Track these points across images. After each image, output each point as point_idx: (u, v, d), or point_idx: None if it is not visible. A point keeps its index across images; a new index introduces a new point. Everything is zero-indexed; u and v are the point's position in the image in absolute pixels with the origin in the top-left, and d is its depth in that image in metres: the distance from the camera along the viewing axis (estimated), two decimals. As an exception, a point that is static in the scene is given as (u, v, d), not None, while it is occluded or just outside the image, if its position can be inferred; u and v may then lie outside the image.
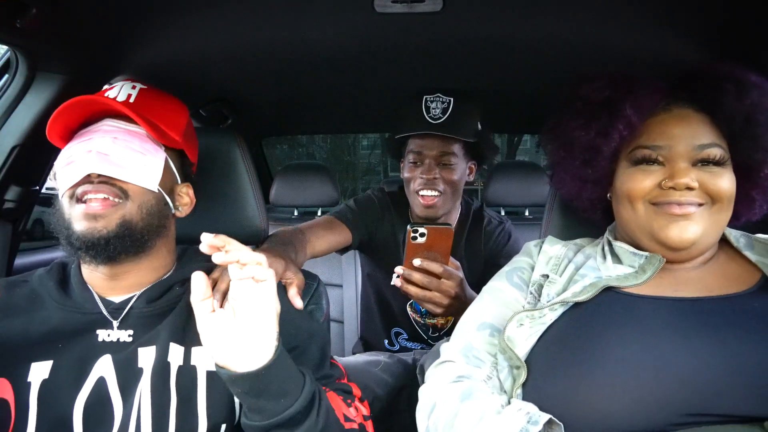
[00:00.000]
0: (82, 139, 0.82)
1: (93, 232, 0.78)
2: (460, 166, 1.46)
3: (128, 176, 0.81)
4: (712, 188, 0.76)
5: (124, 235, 0.80)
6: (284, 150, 4.45)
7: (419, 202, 1.44)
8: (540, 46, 1.28)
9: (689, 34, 1.18)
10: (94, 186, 0.79)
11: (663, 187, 0.77)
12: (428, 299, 1.09)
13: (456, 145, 1.44)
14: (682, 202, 0.76)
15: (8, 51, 1.13)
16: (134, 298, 0.86)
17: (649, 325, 0.71)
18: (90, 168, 0.79)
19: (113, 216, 0.79)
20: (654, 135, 0.80)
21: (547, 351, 0.75)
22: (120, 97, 0.87)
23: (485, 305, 0.88)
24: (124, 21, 1.12)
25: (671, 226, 0.77)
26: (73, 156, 0.81)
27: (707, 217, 0.77)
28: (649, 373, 0.66)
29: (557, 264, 0.88)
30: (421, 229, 1.06)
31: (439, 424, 0.75)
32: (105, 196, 0.79)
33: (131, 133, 0.84)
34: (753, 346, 0.66)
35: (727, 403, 0.63)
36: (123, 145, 0.82)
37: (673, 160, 0.78)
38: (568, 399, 0.68)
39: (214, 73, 1.51)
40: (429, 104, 1.42)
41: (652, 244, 0.81)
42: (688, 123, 0.79)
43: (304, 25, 1.18)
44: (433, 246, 1.07)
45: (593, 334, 0.72)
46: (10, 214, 1.22)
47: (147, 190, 0.83)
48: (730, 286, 0.77)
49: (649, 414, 0.64)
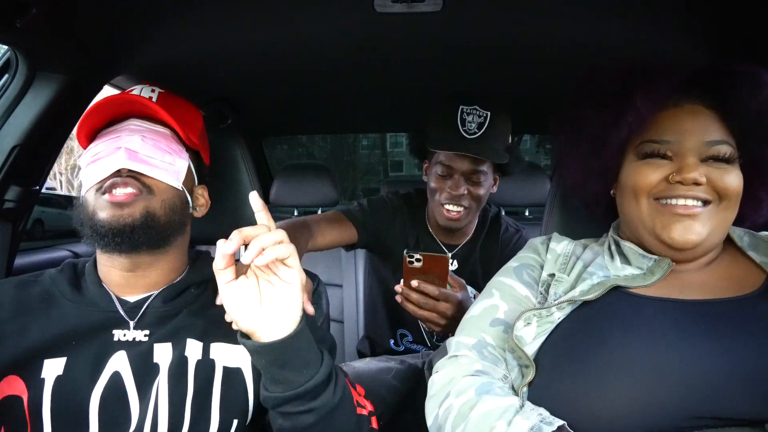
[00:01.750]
0: (110, 137, 0.84)
1: (119, 219, 0.79)
2: (488, 182, 1.45)
3: (156, 173, 0.83)
4: (721, 185, 0.75)
5: (148, 225, 0.81)
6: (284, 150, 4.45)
7: (443, 214, 1.43)
8: (540, 46, 1.28)
9: (690, 34, 1.18)
10: (123, 179, 0.81)
11: (670, 181, 0.76)
12: (425, 318, 1.12)
13: (487, 162, 1.41)
14: (688, 196, 0.75)
15: (8, 51, 1.13)
16: (151, 298, 0.86)
17: (655, 327, 0.71)
18: (120, 164, 0.81)
19: (137, 205, 0.81)
20: (663, 129, 0.79)
21: (554, 350, 0.75)
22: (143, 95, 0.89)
23: (496, 301, 0.87)
24: (124, 21, 1.12)
25: (675, 225, 0.76)
26: (101, 153, 0.83)
27: (714, 216, 0.76)
28: (654, 376, 0.66)
29: (565, 262, 0.87)
30: (417, 256, 1.09)
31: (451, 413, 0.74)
32: (132, 190, 0.81)
33: (157, 132, 0.87)
34: (758, 350, 0.66)
35: (732, 407, 0.63)
36: (151, 143, 0.84)
37: (682, 155, 0.77)
38: (572, 400, 0.68)
39: (214, 73, 1.51)
40: (465, 116, 1.35)
41: (655, 242, 0.80)
42: (699, 119, 0.78)
43: (304, 25, 1.18)
44: (429, 271, 1.10)
45: (599, 334, 0.72)
46: (10, 214, 1.22)
47: (171, 187, 0.86)
48: (735, 288, 0.77)
49: (654, 417, 0.64)
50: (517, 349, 0.76)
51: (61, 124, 1.25)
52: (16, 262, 1.28)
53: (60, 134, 1.28)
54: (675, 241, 0.76)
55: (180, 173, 0.87)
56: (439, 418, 0.76)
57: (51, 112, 1.17)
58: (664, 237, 0.77)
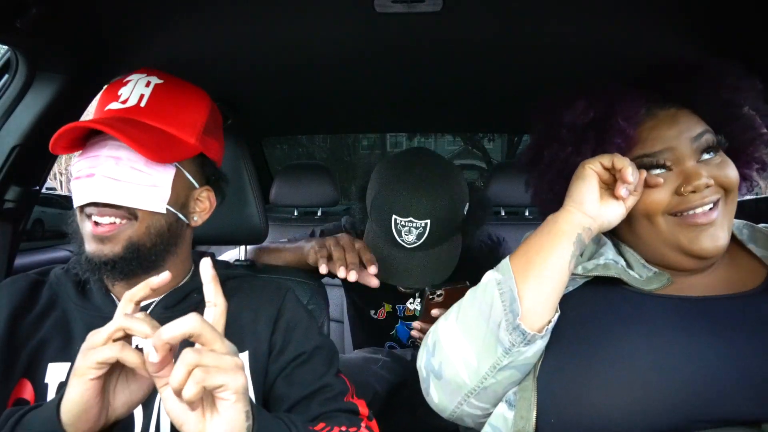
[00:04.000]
0: (91, 153, 0.79)
1: (100, 254, 0.77)
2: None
3: (133, 201, 0.78)
4: (724, 179, 0.75)
5: (131, 257, 0.79)
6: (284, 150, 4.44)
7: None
8: (540, 45, 1.28)
9: (687, 34, 1.18)
10: (99, 210, 0.78)
11: (683, 193, 0.75)
12: None
13: None
14: (705, 203, 0.74)
15: (8, 51, 1.13)
16: (153, 305, 0.85)
17: (656, 324, 0.71)
18: (92, 196, 0.77)
19: (119, 238, 0.78)
20: (650, 141, 0.78)
21: (556, 345, 0.74)
22: (130, 100, 0.82)
23: None
24: (125, 21, 1.12)
25: (702, 237, 0.74)
26: (81, 171, 0.79)
27: (725, 212, 0.76)
28: (656, 373, 0.66)
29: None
30: (439, 291, 1.09)
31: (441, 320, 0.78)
32: (112, 220, 0.78)
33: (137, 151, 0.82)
34: (759, 349, 0.65)
35: (732, 407, 0.63)
36: (128, 165, 0.78)
37: (681, 161, 0.76)
38: (574, 397, 0.68)
39: (214, 73, 1.51)
40: (400, 228, 1.17)
41: (679, 257, 0.77)
42: (678, 120, 0.78)
43: (304, 26, 1.18)
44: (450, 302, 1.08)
45: (601, 331, 0.72)
46: (10, 214, 1.22)
47: (155, 212, 0.81)
48: (736, 284, 0.77)
49: (655, 415, 0.64)
50: None
51: (61, 124, 1.25)
52: (16, 262, 1.28)
53: (60, 134, 1.28)
54: (707, 251, 0.74)
55: (162, 195, 0.80)
56: (429, 336, 0.79)
57: (51, 112, 1.17)
58: (695, 250, 0.75)
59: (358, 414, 0.86)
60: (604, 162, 0.74)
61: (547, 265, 0.72)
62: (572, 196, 0.75)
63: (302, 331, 0.90)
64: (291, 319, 0.90)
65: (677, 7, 1.07)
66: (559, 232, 0.73)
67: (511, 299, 0.70)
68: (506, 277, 0.72)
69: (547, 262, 0.72)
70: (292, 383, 0.85)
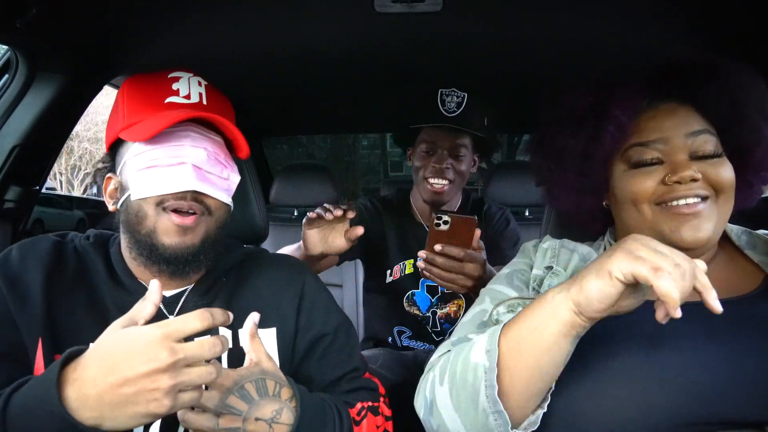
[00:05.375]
0: (171, 143, 0.77)
1: (181, 245, 0.77)
2: (469, 158, 1.54)
3: (217, 193, 0.80)
4: (715, 178, 0.75)
5: (204, 250, 0.80)
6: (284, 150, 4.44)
7: (428, 189, 1.51)
8: (539, 45, 1.28)
9: (686, 31, 1.18)
10: (188, 203, 0.77)
11: (667, 182, 0.76)
12: (451, 281, 1.08)
13: (467, 138, 1.51)
14: (689, 195, 0.75)
15: (8, 51, 1.13)
16: (186, 292, 0.85)
17: (654, 330, 0.71)
18: (189, 185, 0.76)
19: (199, 230, 0.79)
20: (646, 131, 0.79)
21: None
22: (193, 97, 0.83)
23: (485, 306, 0.88)
24: (125, 21, 1.12)
25: (684, 227, 0.75)
26: (160, 161, 0.77)
27: (715, 210, 0.76)
28: (654, 381, 0.66)
29: (554, 255, 0.88)
30: (444, 217, 1.06)
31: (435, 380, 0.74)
32: (196, 213, 0.78)
33: (216, 143, 0.82)
34: (758, 353, 0.65)
35: (733, 411, 0.63)
36: (214, 159, 0.80)
37: (672, 153, 0.77)
38: (572, 407, 0.68)
39: (214, 73, 1.50)
40: (444, 98, 1.46)
41: None
42: (677, 114, 0.79)
43: (304, 25, 1.18)
44: (456, 235, 1.06)
45: (598, 340, 0.72)
46: (10, 214, 1.22)
47: (225, 204, 0.83)
48: (733, 288, 0.76)
49: (655, 422, 0.64)
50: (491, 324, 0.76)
51: (61, 124, 1.25)
52: (16, 262, 1.28)
53: (60, 134, 1.28)
54: (686, 242, 0.75)
55: (232, 188, 0.84)
56: (426, 390, 0.76)
57: (51, 112, 1.17)
58: (675, 239, 0.76)
59: (377, 391, 0.90)
60: (639, 275, 0.58)
61: (540, 364, 0.65)
62: (585, 292, 0.61)
63: (324, 309, 0.91)
64: (315, 298, 0.92)
65: (679, 6, 1.07)
66: (558, 331, 0.63)
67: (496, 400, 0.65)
68: (491, 367, 0.66)
69: (540, 361, 0.65)
70: (326, 365, 0.88)
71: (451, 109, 1.45)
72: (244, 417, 0.67)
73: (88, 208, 11.50)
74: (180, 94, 0.83)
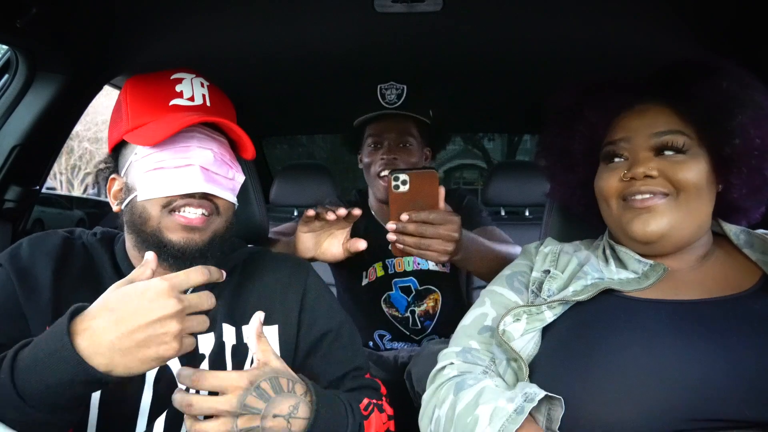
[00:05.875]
0: (178, 145, 0.78)
1: (189, 242, 0.78)
2: (418, 149, 1.50)
3: (225, 193, 0.81)
4: (673, 177, 0.76)
5: (212, 248, 0.81)
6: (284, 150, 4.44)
7: (380, 184, 1.46)
8: (539, 45, 1.29)
9: (691, 34, 1.18)
10: (198, 201, 0.78)
11: (624, 178, 0.79)
12: (427, 247, 0.97)
13: (413, 128, 1.48)
14: (643, 191, 0.77)
15: (8, 51, 1.13)
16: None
17: (651, 329, 0.71)
18: (197, 187, 0.77)
19: (208, 230, 0.80)
20: (616, 130, 0.83)
21: (551, 357, 0.75)
22: (197, 98, 0.83)
23: (487, 309, 0.88)
24: (124, 21, 1.12)
25: (635, 220, 0.78)
26: (167, 162, 0.77)
27: (674, 208, 0.77)
28: (653, 379, 0.66)
29: (554, 259, 0.88)
30: (402, 176, 0.95)
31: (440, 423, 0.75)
32: (204, 212, 0.79)
33: (221, 144, 0.83)
34: (755, 350, 0.66)
35: (731, 409, 0.63)
36: (220, 160, 0.81)
37: (634, 151, 0.80)
38: (572, 407, 0.68)
39: (214, 74, 1.50)
40: (384, 91, 1.47)
41: (626, 239, 0.82)
42: (646, 115, 0.81)
43: (305, 26, 1.18)
44: (419, 194, 0.96)
45: (596, 339, 0.72)
46: (10, 214, 1.22)
47: (232, 203, 0.84)
48: (730, 286, 0.77)
49: (654, 421, 0.64)
50: (503, 343, 0.77)
51: (61, 124, 1.25)
52: (16, 262, 1.28)
53: (60, 134, 1.28)
54: (636, 235, 0.78)
55: (237, 188, 0.85)
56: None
57: (51, 112, 1.17)
58: (629, 232, 0.79)
59: (378, 390, 0.91)
60: None
61: None
62: None
63: (327, 306, 0.92)
64: (317, 296, 0.92)
65: (682, 6, 1.07)
66: None
67: None
68: None
69: None
70: (330, 362, 0.88)
71: (392, 101, 1.46)
72: (263, 415, 0.67)
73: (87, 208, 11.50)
74: (184, 96, 0.83)
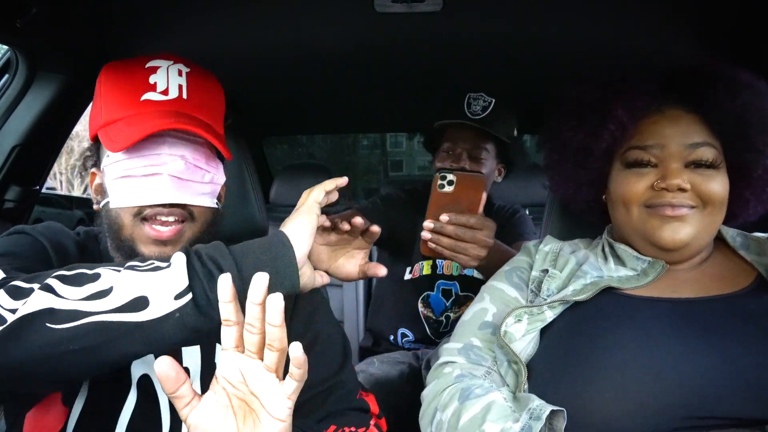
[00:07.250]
0: (148, 152, 0.74)
1: (162, 256, 0.73)
2: (490, 164, 1.50)
3: (198, 200, 0.77)
4: (704, 191, 0.76)
5: None
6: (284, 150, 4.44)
7: None
8: (540, 45, 1.29)
9: (691, 34, 1.18)
10: (168, 210, 0.74)
11: (655, 188, 0.77)
12: (462, 251, 0.96)
13: (490, 143, 1.48)
14: (674, 204, 0.76)
15: (8, 51, 1.13)
16: None
17: (649, 327, 0.71)
18: (168, 197, 0.73)
19: (180, 241, 0.76)
20: (646, 135, 0.80)
21: (549, 356, 0.75)
22: (171, 91, 0.77)
23: (486, 305, 0.88)
24: (124, 21, 1.12)
25: (664, 227, 0.77)
26: (135, 170, 0.73)
27: (700, 219, 0.77)
28: (650, 377, 0.66)
29: (554, 259, 0.88)
30: (449, 176, 0.95)
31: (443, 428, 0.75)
32: (174, 219, 0.75)
33: (196, 148, 0.77)
34: (751, 348, 0.66)
35: (728, 407, 0.63)
36: (193, 167, 0.75)
37: (666, 160, 0.78)
38: (570, 405, 0.68)
39: (215, 73, 1.51)
40: (471, 101, 1.47)
41: (645, 245, 0.81)
42: (680, 123, 0.79)
43: (305, 26, 1.18)
44: (461, 197, 0.95)
45: (594, 337, 0.72)
46: (10, 214, 1.22)
47: (210, 208, 0.80)
48: (726, 285, 0.77)
49: (651, 419, 0.64)
50: (505, 345, 0.77)
51: (61, 124, 1.25)
52: (16, 262, 1.28)
53: (60, 134, 1.28)
54: (665, 242, 0.77)
55: (216, 190, 0.80)
56: None
57: (51, 112, 1.17)
58: (655, 239, 0.78)
59: (368, 412, 0.85)
60: None
61: None
62: None
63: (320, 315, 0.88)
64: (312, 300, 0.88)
65: (680, 8, 1.07)
66: None
67: None
68: None
69: None
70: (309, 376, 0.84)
71: (476, 112, 1.45)
72: None
73: (87, 208, 11.50)
74: (157, 89, 0.77)
